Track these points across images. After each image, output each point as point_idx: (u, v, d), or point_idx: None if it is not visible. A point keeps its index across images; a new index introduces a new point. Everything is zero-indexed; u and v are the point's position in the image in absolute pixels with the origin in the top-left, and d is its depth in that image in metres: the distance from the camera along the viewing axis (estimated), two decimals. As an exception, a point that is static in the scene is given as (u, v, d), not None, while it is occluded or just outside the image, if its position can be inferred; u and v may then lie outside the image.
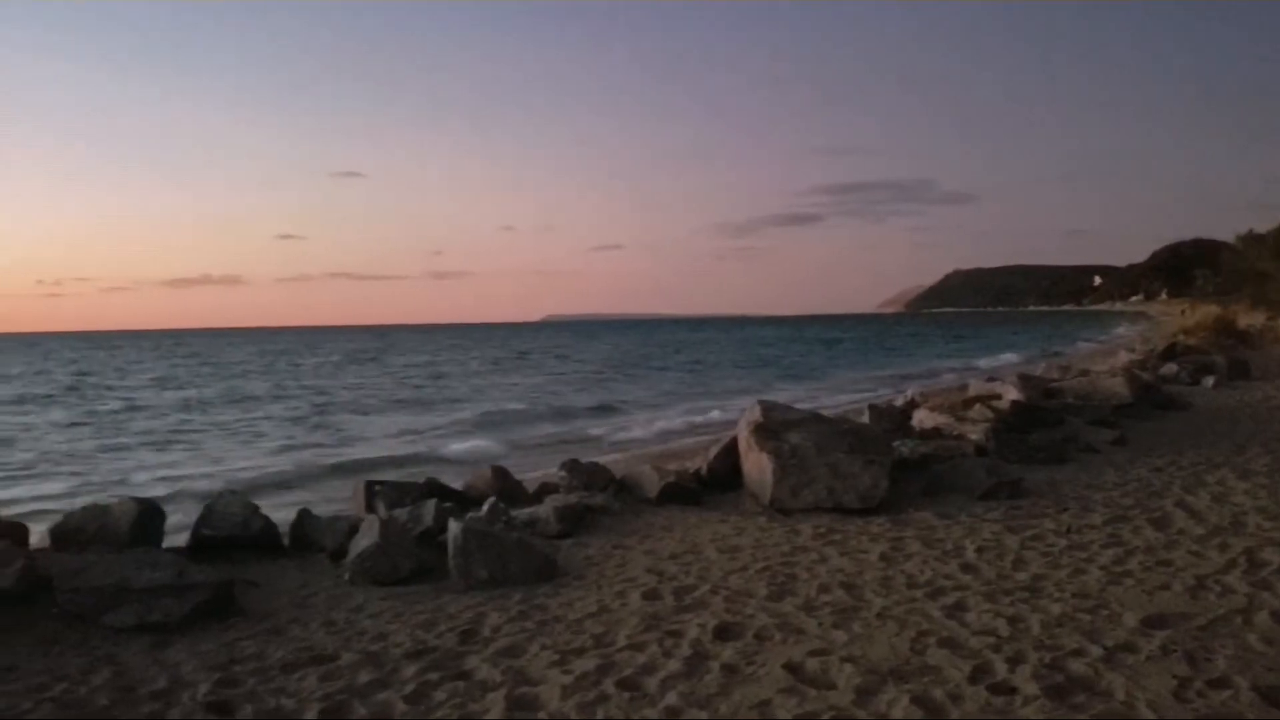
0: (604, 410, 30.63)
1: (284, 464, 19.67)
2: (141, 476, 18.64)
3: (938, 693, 5.09)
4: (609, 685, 5.35)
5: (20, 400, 39.58)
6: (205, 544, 8.83)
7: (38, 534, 9.04)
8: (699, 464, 11.58)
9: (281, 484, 17.10)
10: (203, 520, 9.02)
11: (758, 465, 10.22)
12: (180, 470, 19.42)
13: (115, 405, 36.67)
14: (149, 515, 8.88)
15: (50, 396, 41.77)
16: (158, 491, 14.56)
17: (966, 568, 7.60)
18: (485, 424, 26.54)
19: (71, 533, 8.74)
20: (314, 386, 46.37)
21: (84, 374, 61.07)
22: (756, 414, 10.63)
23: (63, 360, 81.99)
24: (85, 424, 29.79)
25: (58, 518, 9.48)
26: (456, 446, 21.26)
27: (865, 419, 14.16)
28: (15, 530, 8.65)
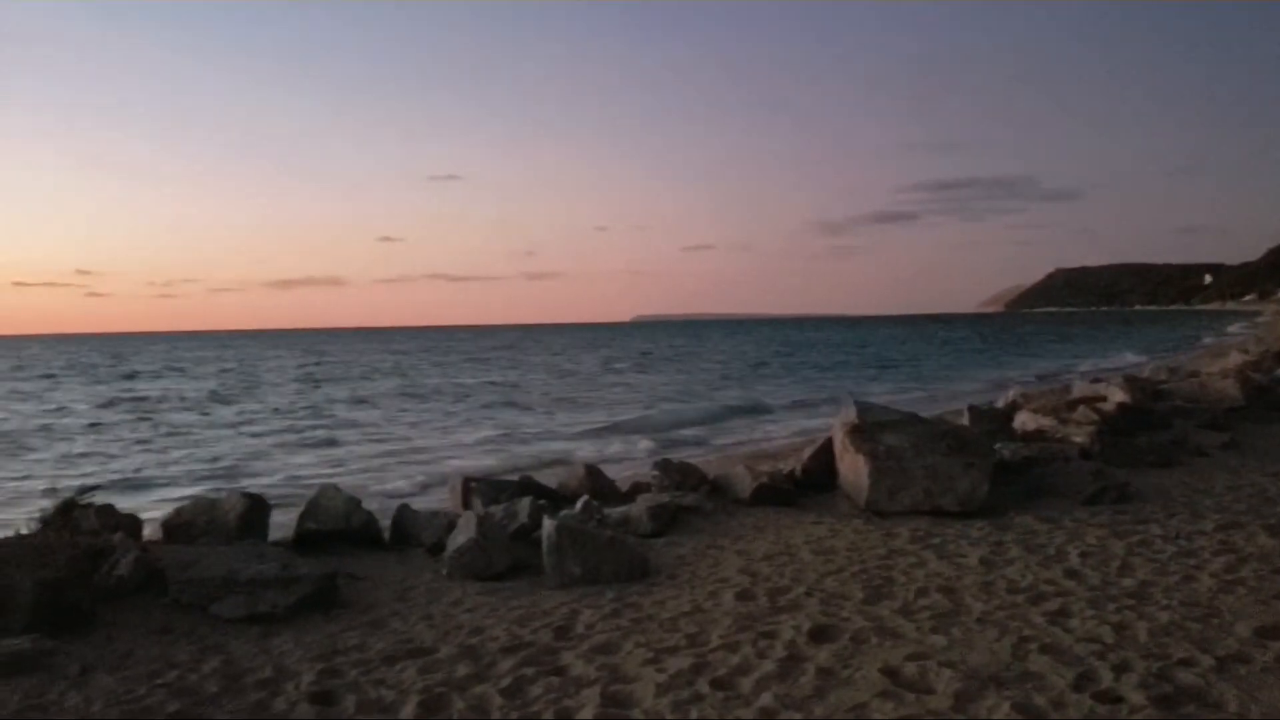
0: (756, 410, 30.18)
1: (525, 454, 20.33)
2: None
3: (1040, 700, 4.98)
4: (703, 684, 5.35)
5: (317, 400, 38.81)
6: (309, 537, 9.07)
7: (151, 526, 9.39)
8: (792, 465, 11.50)
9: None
10: (306, 514, 9.26)
11: (853, 467, 10.12)
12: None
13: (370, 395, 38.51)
14: (255, 509, 9.17)
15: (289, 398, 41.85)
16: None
17: (1070, 573, 7.41)
18: (657, 423, 26.30)
19: (182, 525, 9.06)
20: (476, 383, 46.95)
21: (315, 367, 64.50)
22: (852, 415, 10.51)
23: (228, 358, 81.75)
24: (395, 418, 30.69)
25: (168, 510, 9.86)
26: (646, 444, 21.33)
27: (965, 420, 13.89)
28: (130, 523, 9.00)
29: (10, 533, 8.07)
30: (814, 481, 10.99)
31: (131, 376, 58.10)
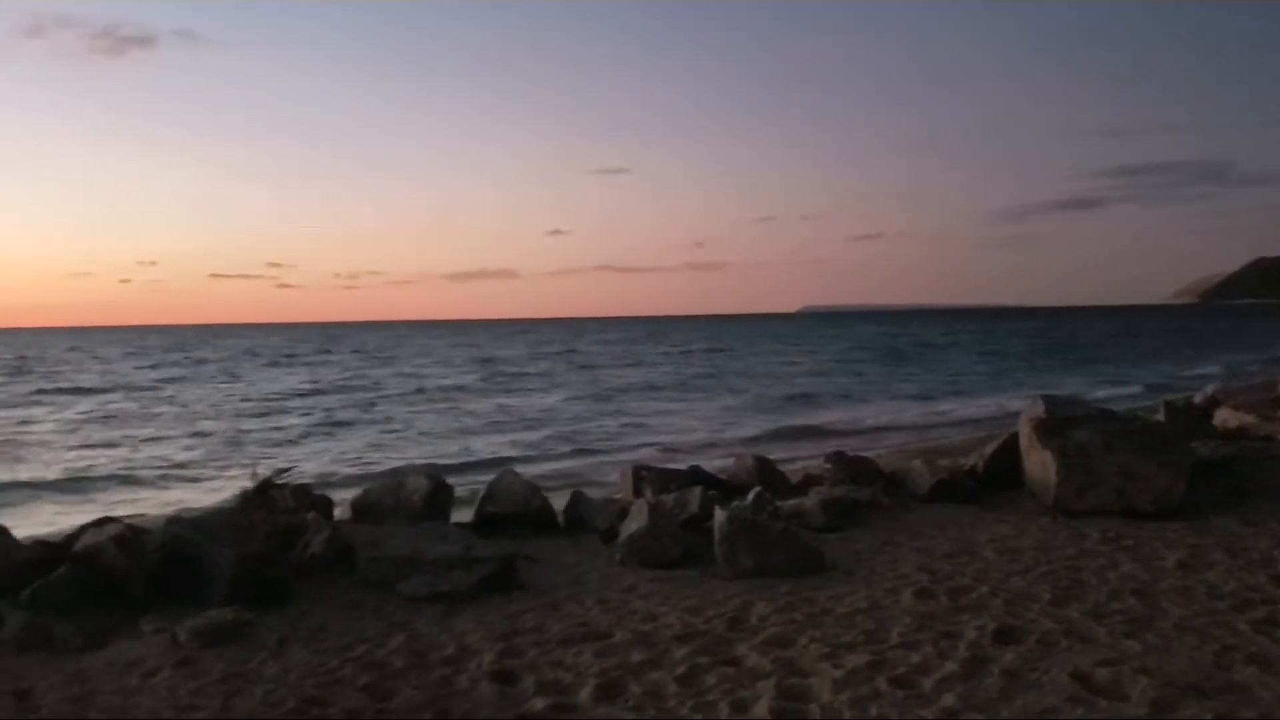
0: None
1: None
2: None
3: (1247, 713, 4.67)
4: (882, 682, 5.22)
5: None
6: (489, 520, 9.32)
7: (341, 506, 9.84)
8: (973, 460, 11.12)
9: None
10: (487, 498, 9.52)
11: (1040, 463, 9.71)
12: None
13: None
14: (439, 491, 9.47)
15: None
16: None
17: (1278, 580, 6.93)
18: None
19: (370, 505, 9.45)
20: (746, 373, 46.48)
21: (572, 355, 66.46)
22: (1039, 409, 10.09)
23: (470, 350, 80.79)
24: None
25: (356, 491, 10.30)
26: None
27: (1160, 417, 13.16)
28: (322, 503, 9.45)
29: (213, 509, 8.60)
30: (996, 478, 10.61)
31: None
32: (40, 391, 39.47)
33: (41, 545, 7.69)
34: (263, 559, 7.27)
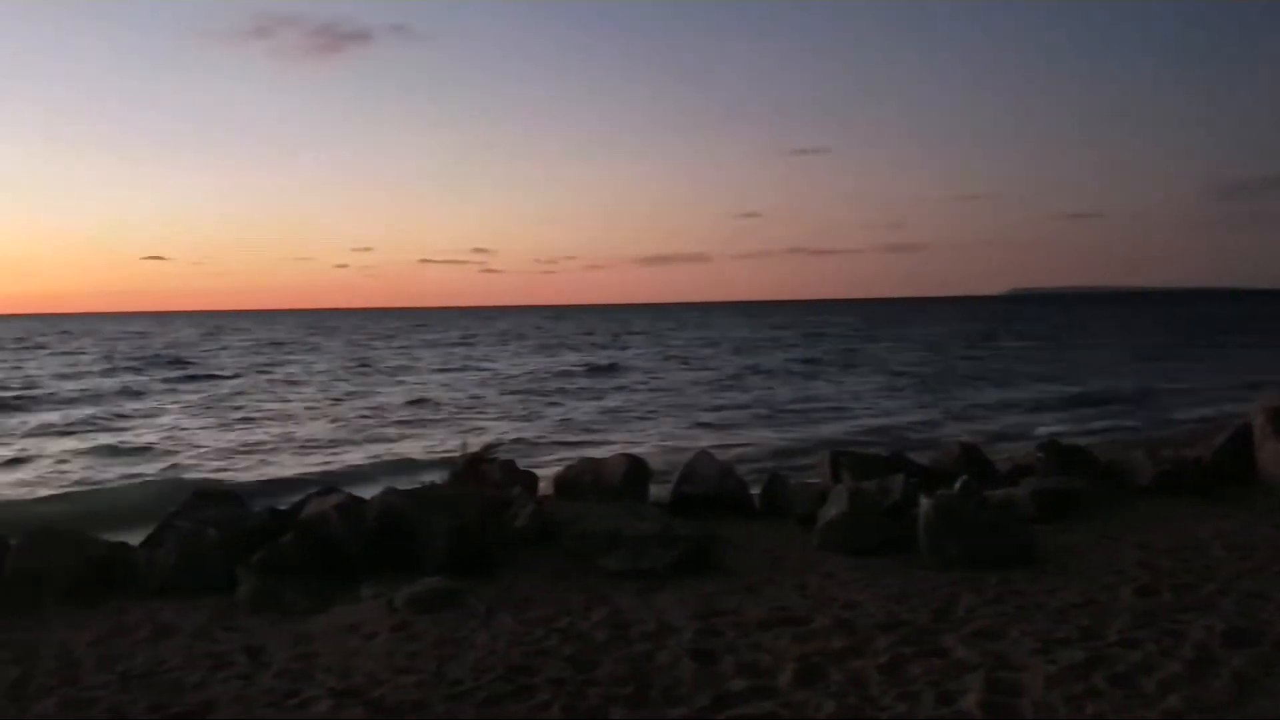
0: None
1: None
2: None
3: None
4: (1099, 680, 4.97)
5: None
6: (684, 500, 9.39)
7: (544, 482, 10.12)
8: (1200, 452, 10.44)
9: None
10: (683, 478, 9.59)
11: (1275, 456, 9.04)
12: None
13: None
14: (636, 470, 9.61)
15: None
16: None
17: None
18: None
19: (571, 482, 9.68)
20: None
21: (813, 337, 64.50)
22: (1276, 399, 9.38)
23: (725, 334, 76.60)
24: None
25: (558, 469, 10.56)
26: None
27: None
28: (527, 479, 9.75)
29: (427, 482, 8.99)
30: (1225, 471, 9.93)
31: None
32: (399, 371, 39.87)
33: (272, 513, 8.22)
34: (473, 530, 7.55)
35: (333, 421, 23.00)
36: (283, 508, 8.48)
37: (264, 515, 8.07)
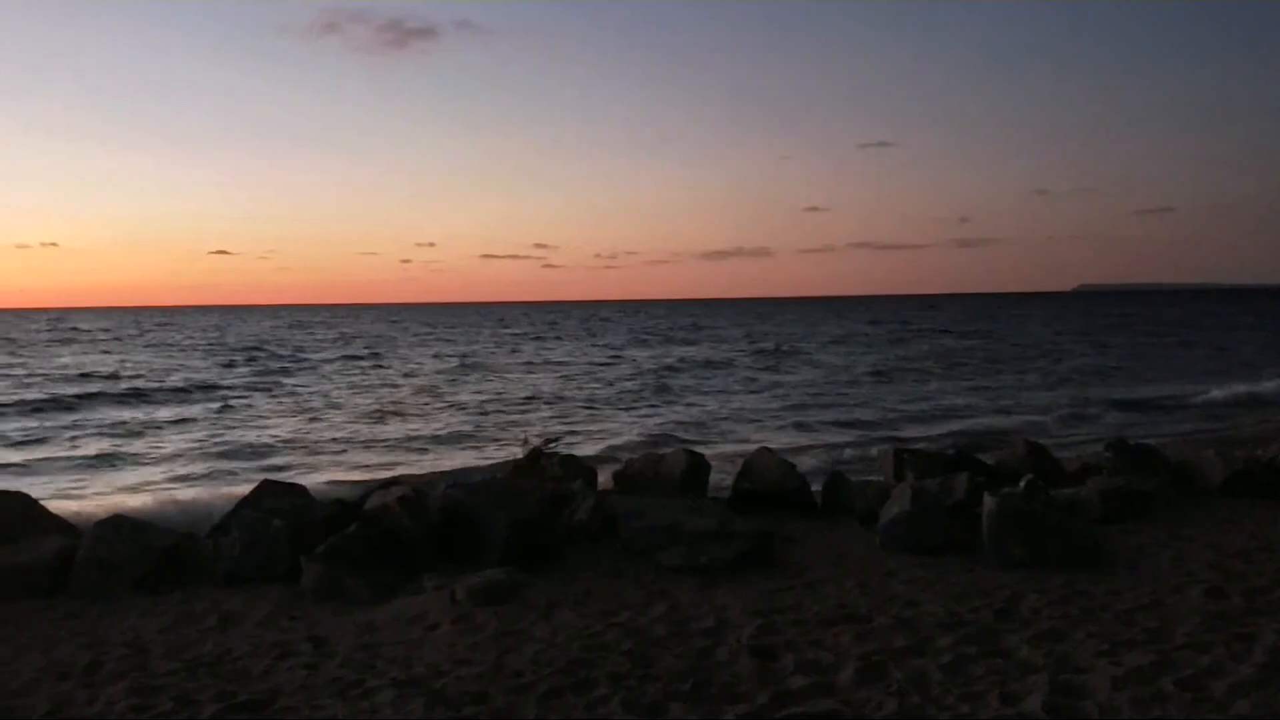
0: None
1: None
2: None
3: None
4: (1167, 684, 4.87)
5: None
6: (744, 497, 9.36)
7: (604, 476, 10.15)
8: (1274, 452, 10.18)
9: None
10: (743, 475, 9.56)
11: (1353, 458, 8.78)
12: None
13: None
14: (696, 466, 9.60)
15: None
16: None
17: None
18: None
19: (631, 477, 9.70)
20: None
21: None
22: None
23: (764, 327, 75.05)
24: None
25: (618, 464, 10.58)
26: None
27: None
28: (587, 472, 9.79)
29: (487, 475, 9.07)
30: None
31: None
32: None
33: (337, 504, 8.35)
34: (533, 524, 7.61)
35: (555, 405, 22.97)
36: (347, 499, 8.61)
37: (328, 506, 8.20)
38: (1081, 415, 20.75)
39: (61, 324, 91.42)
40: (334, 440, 18.30)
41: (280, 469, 14.97)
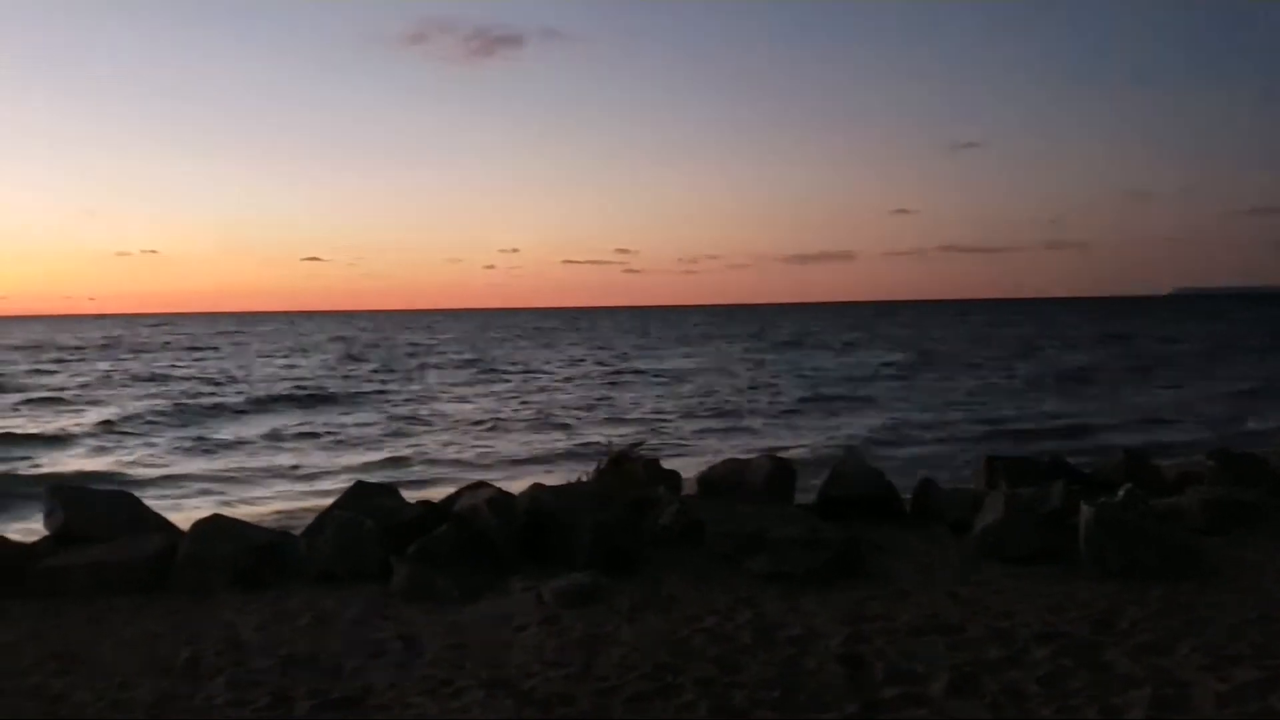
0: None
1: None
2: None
3: None
4: (1276, 701, 4.69)
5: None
6: (831, 504, 9.24)
7: (688, 482, 10.11)
8: (1389, 463, 9.76)
9: None
10: (830, 481, 9.45)
11: None
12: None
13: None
14: (782, 472, 9.52)
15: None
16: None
17: None
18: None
19: (715, 482, 9.65)
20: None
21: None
22: None
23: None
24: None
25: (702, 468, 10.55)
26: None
27: None
28: (670, 478, 9.77)
29: (572, 479, 9.11)
30: None
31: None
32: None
33: (426, 505, 8.46)
34: (618, 528, 7.62)
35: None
36: (435, 500, 8.73)
37: (418, 508, 8.32)
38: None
39: (187, 329, 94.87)
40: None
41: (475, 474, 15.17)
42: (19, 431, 21.08)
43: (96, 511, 8.11)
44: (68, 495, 8.26)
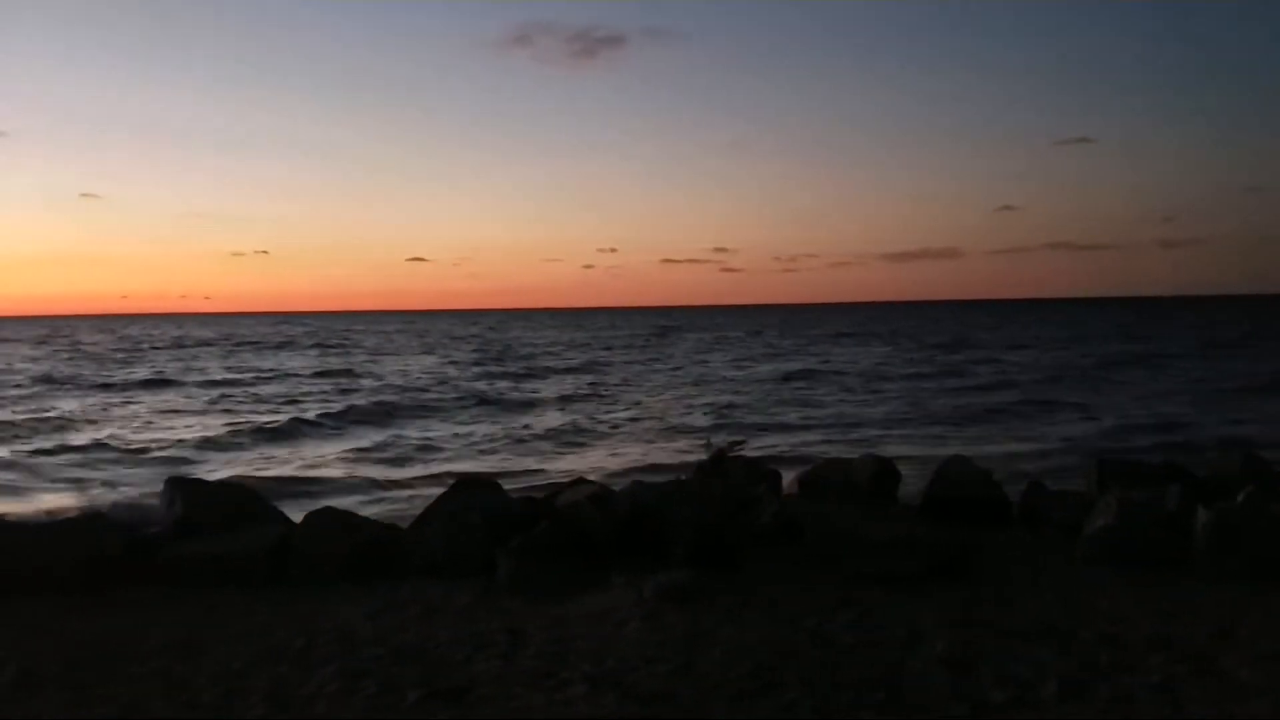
0: None
1: None
2: None
3: None
4: None
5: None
6: (935, 505, 9.11)
7: (789, 482, 10.07)
8: None
9: None
10: (935, 482, 9.31)
11: None
12: None
13: None
14: (884, 473, 9.42)
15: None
16: None
17: None
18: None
19: (816, 482, 9.59)
20: None
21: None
22: None
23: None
24: None
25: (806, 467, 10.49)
26: None
27: None
28: (771, 477, 9.73)
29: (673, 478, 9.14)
30: None
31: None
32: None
33: (528, 501, 8.58)
34: (718, 526, 7.62)
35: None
36: (537, 496, 8.86)
37: (521, 503, 8.44)
38: None
39: (304, 327, 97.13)
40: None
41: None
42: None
43: (214, 502, 8.42)
44: (186, 487, 8.59)
